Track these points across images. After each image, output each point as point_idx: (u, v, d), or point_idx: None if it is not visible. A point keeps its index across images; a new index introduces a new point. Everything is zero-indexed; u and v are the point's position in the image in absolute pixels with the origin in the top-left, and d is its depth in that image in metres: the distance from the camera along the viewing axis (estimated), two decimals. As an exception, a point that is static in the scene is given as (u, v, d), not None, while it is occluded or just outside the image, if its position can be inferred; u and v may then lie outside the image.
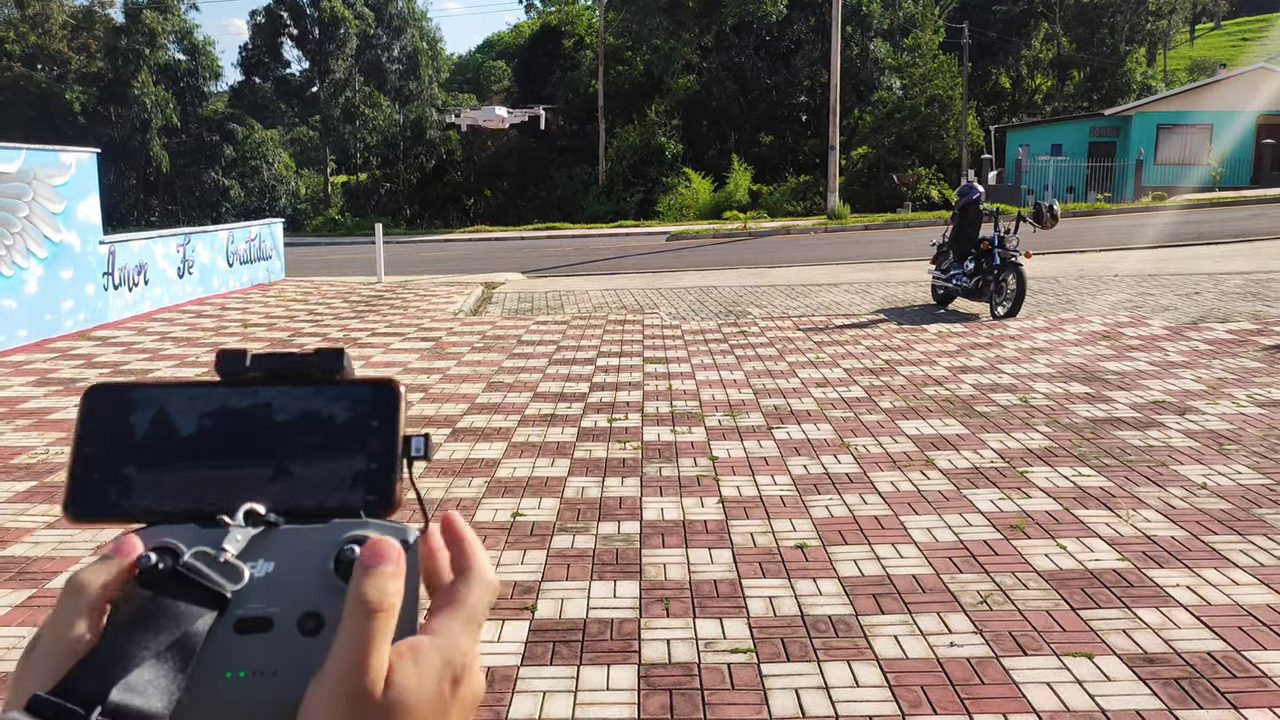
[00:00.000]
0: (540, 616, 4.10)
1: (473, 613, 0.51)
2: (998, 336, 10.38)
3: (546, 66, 45.46)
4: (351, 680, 0.46)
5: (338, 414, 0.55)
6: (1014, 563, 4.51)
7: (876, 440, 6.61)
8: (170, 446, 0.55)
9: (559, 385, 8.59)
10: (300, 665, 0.49)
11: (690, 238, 26.94)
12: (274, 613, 0.50)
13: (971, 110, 41.48)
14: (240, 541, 0.51)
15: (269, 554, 0.52)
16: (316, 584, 0.51)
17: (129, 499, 0.54)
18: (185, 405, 0.56)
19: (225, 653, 0.49)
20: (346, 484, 0.54)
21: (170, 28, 46.08)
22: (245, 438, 0.55)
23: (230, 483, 0.54)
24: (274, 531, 0.52)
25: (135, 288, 13.55)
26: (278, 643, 0.50)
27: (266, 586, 0.51)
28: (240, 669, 0.49)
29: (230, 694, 0.48)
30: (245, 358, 0.56)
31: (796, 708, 3.36)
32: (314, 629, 0.50)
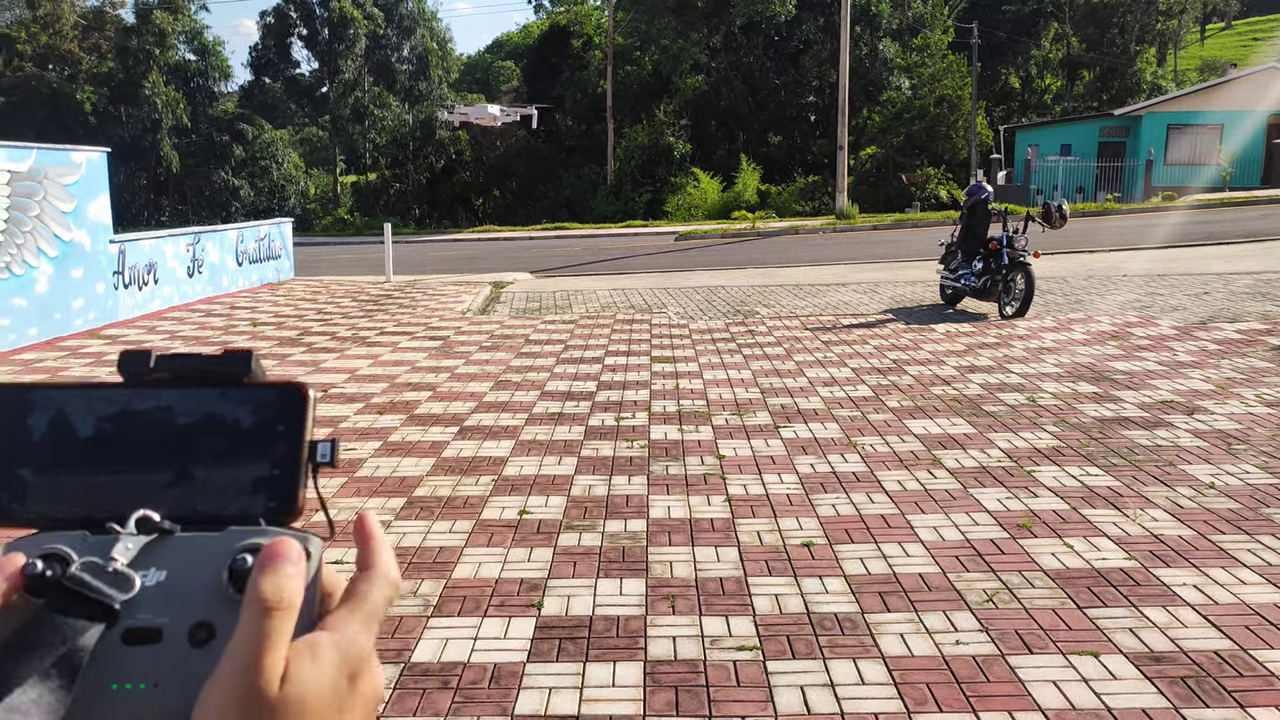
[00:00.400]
0: (546, 613, 4.11)
1: (373, 610, 0.50)
2: (1006, 336, 10.36)
3: (555, 67, 45.51)
4: (246, 679, 0.45)
5: (242, 418, 0.54)
6: (1021, 562, 4.50)
7: (884, 439, 6.60)
8: (67, 449, 0.53)
9: (566, 384, 8.61)
10: (190, 676, 0.47)
11: (698, 238, 26.94)
12: (164, 623, 0.49)
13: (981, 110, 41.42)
14: (131, 550, 0.49)
15: (161, 562, 0.50)
16: (209, 594, 0.49)
17: (22, 503, 0.52)
18: (85, 407, 0.54)
19: (113, 664, 0.47)
20: (247, 490, 0.53)
21: (180, 28, 46.25)
22: (145, 441, 0.53)
23: (127, 488, 0.52)
24: (168, 539, 0.51)
25: (145, 287, 13.61)
26: (167, 653, 0.48)
27: (157, 596, 0.49)
28: (128, 680, 0.48)
29: (117, 706, 0.47)
30: (149, 358, 0.55)
31: (802, 705, 3.36)
32: (205, 639, 0.48)
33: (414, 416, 7.54)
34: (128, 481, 0.52)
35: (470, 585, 4.41)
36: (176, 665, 0.48)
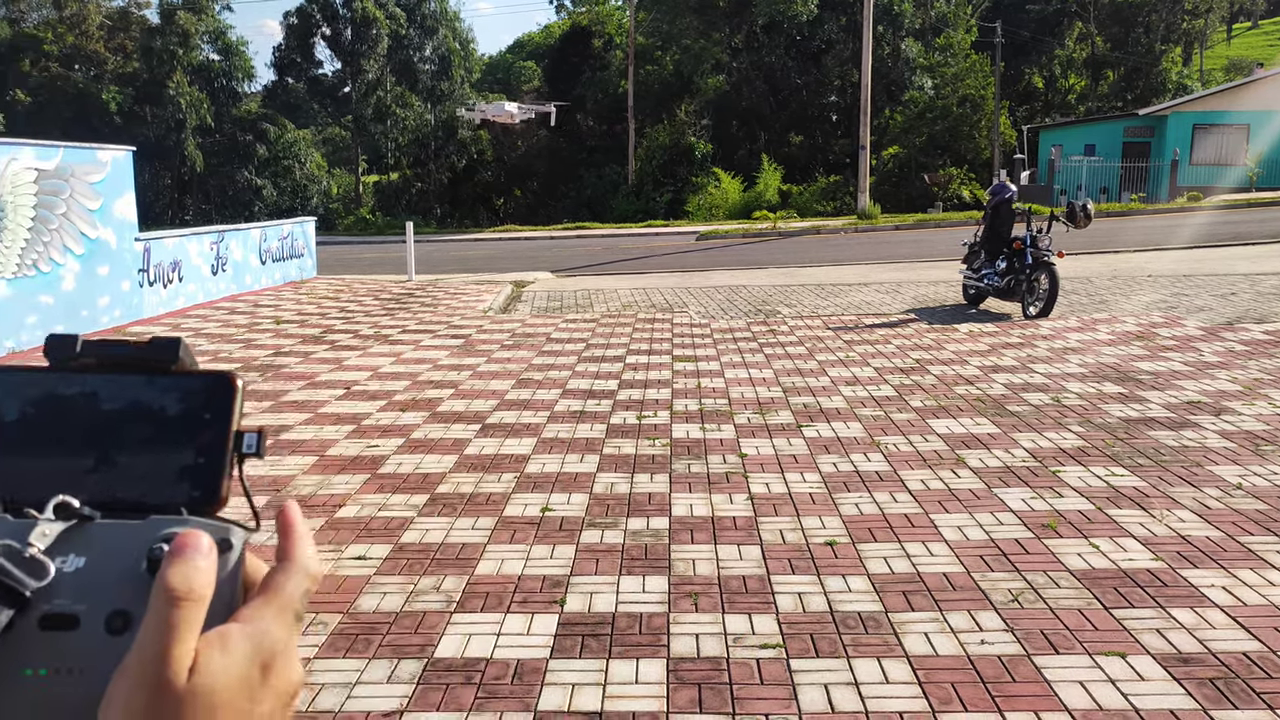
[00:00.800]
0: (569, 610, 4.11)
1: (288, 600, 0.50)
2: (1030, 336, 10.29)
3: (576, 66, 45.55)
4: (153, 670, 0.45)
5: (168, 406, 0.53)
6: (1046, 561, 4.47)
7: (907, 439, 6.58)
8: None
9: (588, 382, 8.61)
10: (105, 664, 0.47)
11: (719, 237, 26.91)
12: (80, 610, 0.48)
13: (1004, 110, 41.17)
14: (49, 535, 0.49)
15: (80, 549, 0.49)
16: (127, 582, 0.49)
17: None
18: (8, 389, 0.53)
19: (27, 649, 0.47)
20: (171, 479, 0.52)
21: (204, 28, 46.56)
22: (69, 426, 0.53)
23: (48, 473, 0.52)
24: (88, 526, 0.50)
25: (170, 284, 13.71)
26: (83, 640, 0.48)
27: (75, 583, 0.49)
28: (42, 666, 0.47)
29: (30, 691, 0.47)
30: (75, 343, 0.54)
31: (826, 703, 3.35)
32: (122, 628, 0.48)
33: (436, 414, 7.56)
34: (49, 466, 0.52)
35: (493, 581, 4.42)
36: (92, 653, 0.48)
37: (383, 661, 3.68)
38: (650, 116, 41.63)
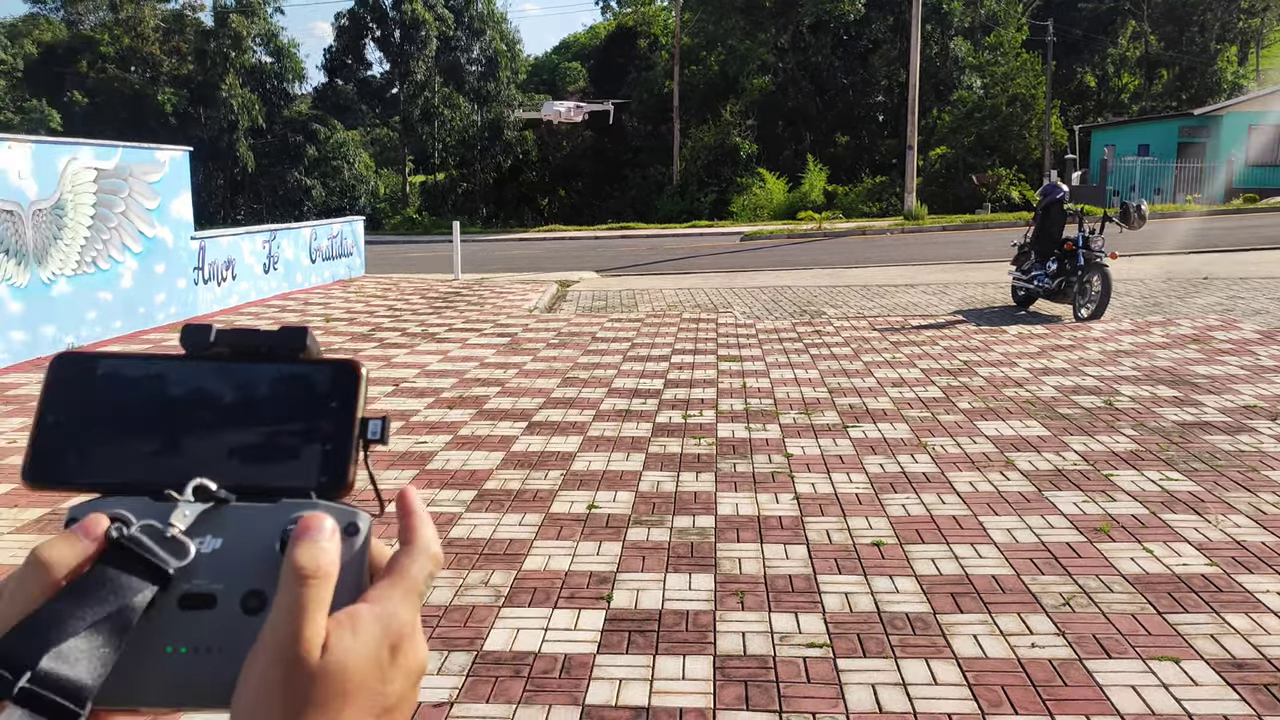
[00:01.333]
0: (616, 606, 4.14)
1: (413, 583, 0.51)
2: (1081, 338, 10.16)
3: (622, 67, 45.64)
4: (287, 646, 0.46)
5: (297, 393, 0.55)
6: (1098, 565, 4.42)
7: (954, 440, 6.52)
8: (130, 418, 0.54)
9: (633, 381, 8.64)
10: (241, 642, 0.48)
11: (764, 238, 26.83)
12: (218, 589, 0.50)
13: (1055, 110, 40.60)
14: (188, 517, 0.51)
15: (217, 530, 0.51)
16: (262, 563, 0.50)
17: (86, 469, 0.53)
18: (148, 378, 0.55)
19: (167, 627, 0.49)
20: (300, 464, 0.54)
21: (256, 31, 47.26)
22: (204, 412, 0.54)
23: (186, 457, 0.53)
24: (224, 508, 0.52)
25: (224, 282, 13.95)
26: (220, 619, 0.49)
27: (212, 563, 0.50)
28: (181, 644, 0.49)
29: (170, 668, 0.48)
30: (210, 332, 0.56)
31: (874, 703, 3.34)
32: (257, 607, 0.49)
33: (483, 411, 7.63)
34: (187, 451, 0.54)
35: (540, 577, 4.45)
36: (229, 631, 0.49)
37: (433, 654, 3.72)
38: (695, 117, 41.60)
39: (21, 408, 7.97)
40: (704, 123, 40.57)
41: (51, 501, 5.60)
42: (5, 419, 7.62)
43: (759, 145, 39.65)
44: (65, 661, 0.44)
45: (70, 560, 0.47)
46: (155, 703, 0.49)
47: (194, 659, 0.49)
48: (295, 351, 0.56)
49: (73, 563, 0.47)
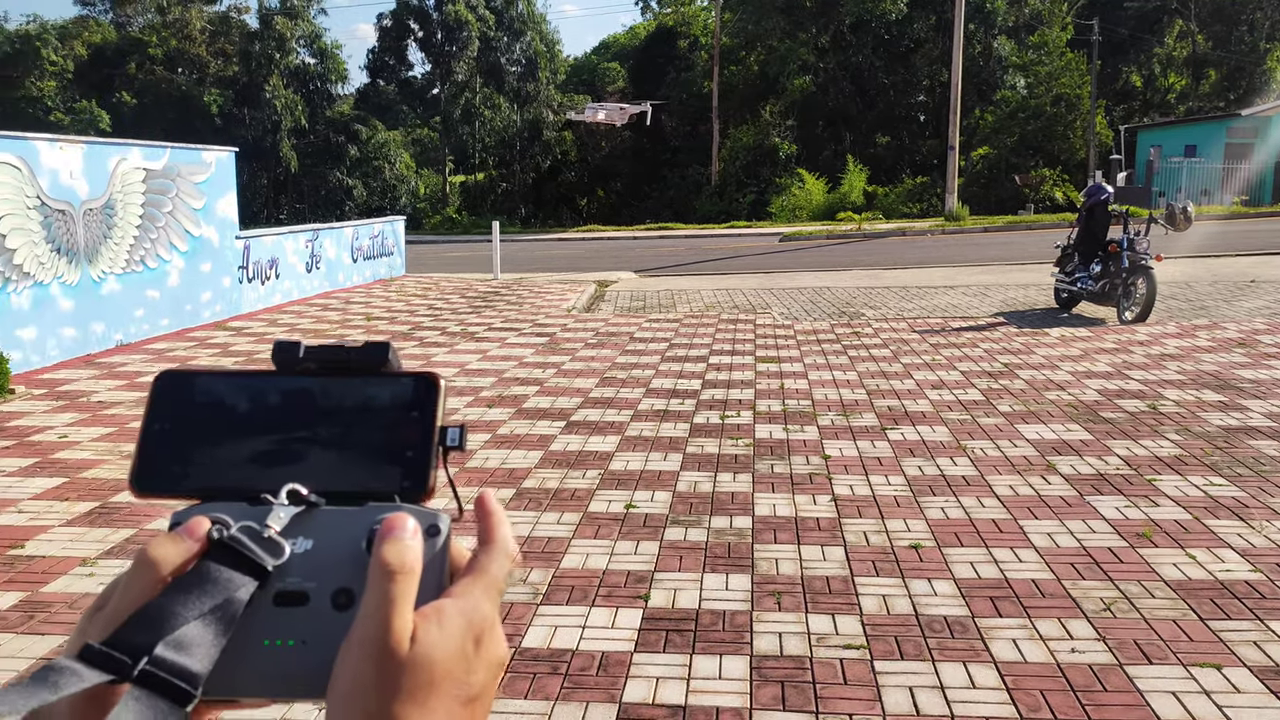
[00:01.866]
0: (653, 605, 4.16)
1: (493, 580, 0.53)
2: (1125, 342, 10.04)
3: (661, 67, 45.63)
4: (377, 639, 0.48)
5: (380, 403, 0.58)
6: (1140, 571, 4.38)
7: (994, 443, 6.48)
8: (227, 429, 0.58)
9: (671, 382, 8.66)
10: (331, 637, 0.51)
11: (803, 239, 26.73)
12: (310, 587, 0.53)
13: (1100, 110, 40.09)
14: (283, 519, 0.54)
15: (309, 532, 0.54)
16: (350, 562, 0.53)
17: (188, 477, 0.57)
18: (243, 392, 0.59)
19: (265, 622, 0.52)
20: (384, 470, 0.57)
21: (300, 32, 47.80)
22: (295, 423, 0.58)
23: (279, 464, 0.57)
24: (314, 511, 0.55)
25: (267, 281, 14.14)
26: (312, 615, 0.52)
27: (305, 562, 0.53)
28: (277, 638, 0.52)
29: (266, 660, 0.52)
30: (299, 349, 0.59)
31: (911, 706, 3.34)
32: (346, 604, 0.52)
33: (522, 410, 7.68)
34: (280, 459, 0.57)
35: (578, 575, 4.49)
36: (320, 626, 0.52)
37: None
38: (734, 117, 41.51)
39: (72, 403, 8.14)
40: (743, 123, 40.47)
41: (100, 496, 5.73)
42: (57, 414, 7.79)
43: (798, 146, 39.49)
44: (178, 649, 0.47)
45: (176, 559, 0.51)
46: (254, 693, 0.52)
47: (289, 652, 0.52)
48: (378, 365, 0.59)
49: (178, 561, 0.51)
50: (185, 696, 0.46)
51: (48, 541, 5.04)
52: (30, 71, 45.67)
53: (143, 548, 0.51)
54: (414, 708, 0.48)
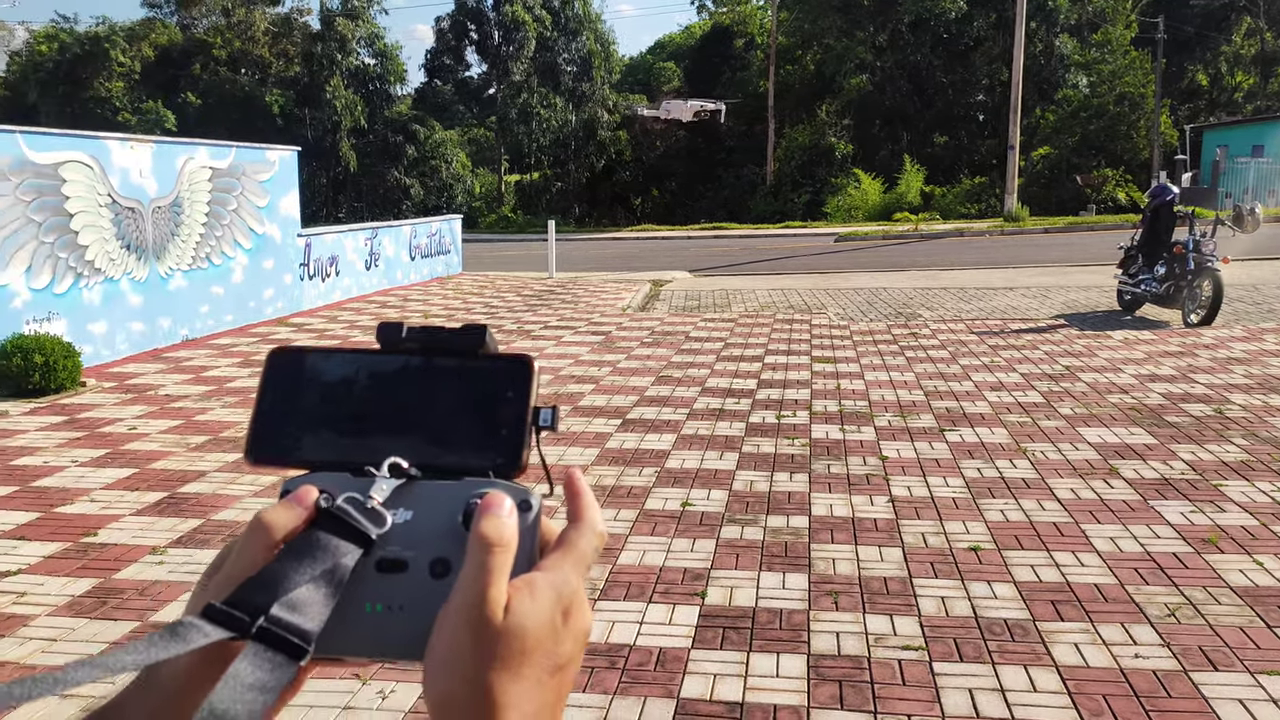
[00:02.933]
0: (710, 602, 4.18)
1: (582, 555, 0.56)
2: (1190, 345, 9.84)
3: (716, 67, 45.56)
4: (474, 608, 0.51)
5: (477, 384, 0.61)
6: (1205, 577, 4.30)
7: (1055, 446, 6.40)
8: (333, 404, 0.61)
9: (727, 381, 8.66)
10: (429, 604, 0.54)
11: (859, 239, 26.54)
12: (409, 556, 0.56)
13: (1165, 109, 39.28)
14: (385, 491, 0.56)
15: (408, 504, 0.57)
16: (447, 533, 0.56)
17: (298, 448, 0.60)
18: (349, 368, 0.62)
19: (367, 587, 0.55)
20: (480, 447, 0.59)
21: (361, 33, 48.45)
22: (397, 400, 0.60)
23: (381, 439, 0.59)
24: (414, 484, 0.57)
25: (327, 278, 14.37)
26: (411, 582, 0.55)
27: (405, 532, 0.56)
28: (379, 603, 0.55)
29: (369, 623, 0.55)
30: (402, 329, 0.62)
31: (970, 707, 3.32)
32: (443, 573, 0.55)
33: (578, 408, 7.73)
34: (382, 433, 0.60)
35: (635, 572, 4.52)
36: (419, 593, 0.55)
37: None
38: (790, 117, 41.32)
39: (141, 396, 8.35)
40: (799, 122, 40.27)
41: (169, 487, 5.87)
42: (126, 407, 7.99)
43: (855, 145, 39.20)
44: (292, 609, 0.51)
45: (287, 524, 0.54)
46: (357, 653, 0.55)
47: (389, 617, 0.55)
48: (476, 347, 0.62)
49: (289, 527, 0.54)
50: (299, 651, 0.50)
51: (119, 530, 5.19)
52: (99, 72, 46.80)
53: (257, 514, 0.54)
54: (507, 674, 0.51)
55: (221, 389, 8.61)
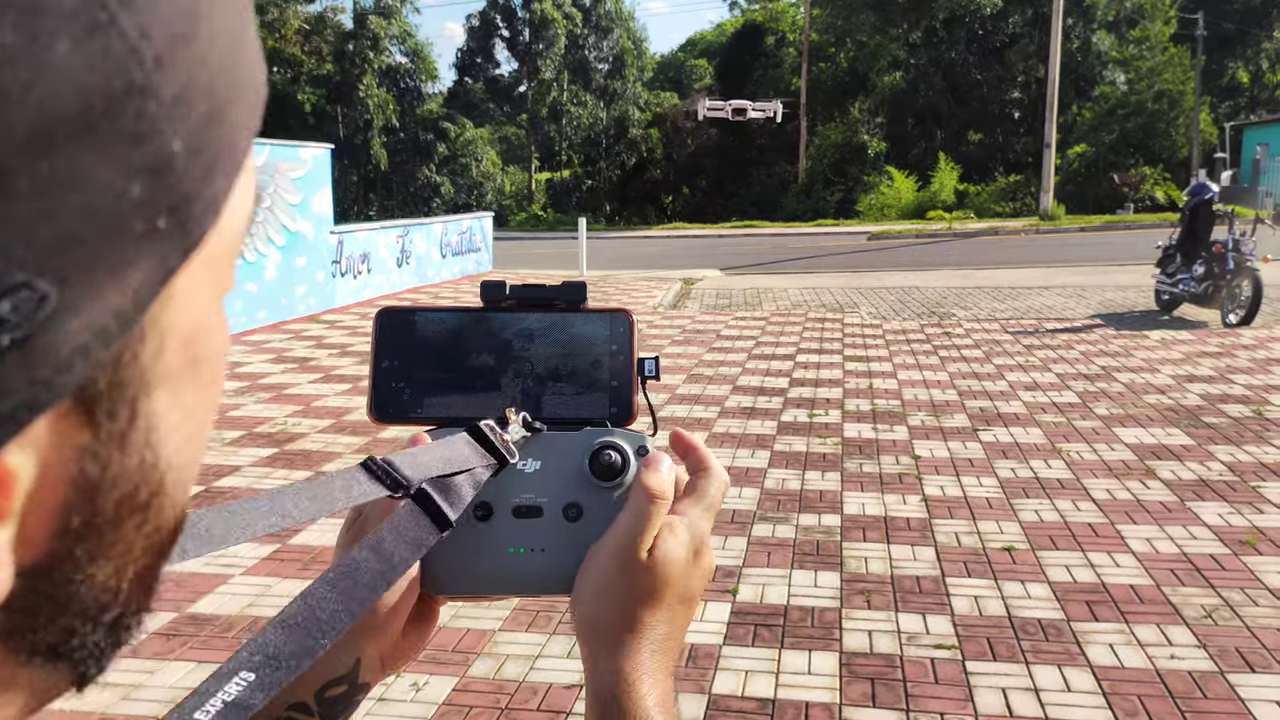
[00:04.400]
0: (741, 600, 4.18)
1: (711, 502, 0.61)
2: (1229, 345, 9.71)
3: (748, 64, 45.45)
4: (627, 545, 0.58)
5: (584, 337, 0.64)
6: (1243, 578, 4.25)
7: (1091, 447, 6.34)
8: (448, 361, 0.64)
9: (758, 379, 8.64)
10: (564, 544, 0.60)
11: (892, 237, 26.40)
12: (542, 502, 0.61)
13: (1204, 106, 38.74)
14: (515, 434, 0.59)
15: (535, 454, 0.61)
16: (575, 479, 0.61)
17: (420, 405, 0.63)
18: (458, 326, 0.64)
19: (508, 532, 0.61)
20: (594, 398, 0.63)
21: (393, 32, 48.74)
22: (509, 355, 0.64)
23: (498, 393, 0.63)
24: (539, 435, 0.61)
25: (359, 275, 14.48)
26: (546, 525, 0.61)
27: (536, 480, 0.61)
28: (519, 545, 0.61)
29: (512, 564, 0.61)
30: (504, 287, 0.65)
31: (1003, 706, 3.30)
32: (575, 516, 0.61)
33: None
34: (499, 388, 0.63)
35: (666, 568, 4.52)
36: (555, 535, 0.61)
37: (562, 637, 3.83)
38: (822, 114, 41.15)
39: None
40: (831, 120, 40.10)
41: (204, 481, 5.95)
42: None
43: (888, 143, 38.98)
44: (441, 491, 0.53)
45: None
46: (503, 591, 0.62)
47: (529, 557, 0.61)
48: (576, 302, 0.65)
49: None
50: (445, 523, 0.53)
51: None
52: (137, 72, 47.38)
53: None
54: (650, 602, 0.58)
55: (255, 385, 8.70)
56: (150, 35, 0.23)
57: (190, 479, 0.31)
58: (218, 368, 0.31)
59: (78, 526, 0.26)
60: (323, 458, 6.35)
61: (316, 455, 6.41)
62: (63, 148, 0.21)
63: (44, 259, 0.21)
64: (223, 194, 0.26)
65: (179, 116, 0.24)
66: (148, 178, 0.23)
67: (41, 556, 0.26)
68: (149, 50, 0.23)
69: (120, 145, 0.22)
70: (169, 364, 0.28)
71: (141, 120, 0.23)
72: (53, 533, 0.26)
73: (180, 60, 0.23)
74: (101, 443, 0.26)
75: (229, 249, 0.29)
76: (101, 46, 0.21)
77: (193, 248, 0.25)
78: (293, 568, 4.53)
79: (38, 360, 0.22)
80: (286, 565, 4.56)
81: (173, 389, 0.28)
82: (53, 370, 0.23)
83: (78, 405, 0.25)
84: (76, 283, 0.22)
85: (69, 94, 0.21)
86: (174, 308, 0.27)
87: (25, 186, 0.21)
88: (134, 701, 3.36)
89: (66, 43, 0.21)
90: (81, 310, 0.23)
